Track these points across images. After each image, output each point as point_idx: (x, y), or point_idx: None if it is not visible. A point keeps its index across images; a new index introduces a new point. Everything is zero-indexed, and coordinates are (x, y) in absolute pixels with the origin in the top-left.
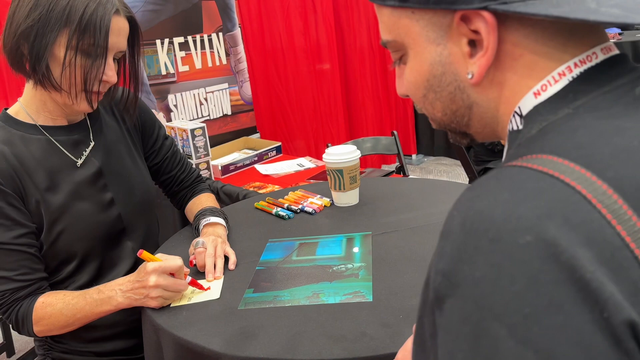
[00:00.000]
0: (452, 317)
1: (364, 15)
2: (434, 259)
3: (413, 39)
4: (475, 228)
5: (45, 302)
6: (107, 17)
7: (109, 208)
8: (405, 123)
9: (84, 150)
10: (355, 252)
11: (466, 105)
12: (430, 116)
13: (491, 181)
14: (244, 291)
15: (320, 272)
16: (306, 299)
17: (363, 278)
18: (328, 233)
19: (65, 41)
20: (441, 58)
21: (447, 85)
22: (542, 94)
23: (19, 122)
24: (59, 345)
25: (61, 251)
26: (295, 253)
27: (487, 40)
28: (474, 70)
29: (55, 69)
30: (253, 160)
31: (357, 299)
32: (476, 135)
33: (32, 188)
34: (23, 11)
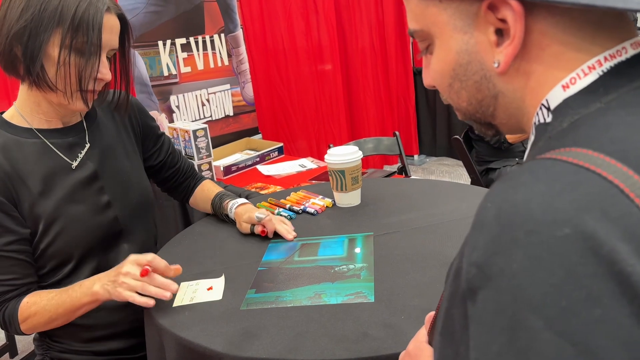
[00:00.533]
0: (486, 308)
1: (365, 16)
2: (465, 251)
3: (440, 28)
4: (512, 220)
5: (29, 301)
6: (99, 15)
7: (105, 210)
8: (407, 123)
9: (79, 153)
10: (357, 253)
11: (492, 95)
12: (455, 106)
13: (525, 173)
14: (246, 291)
15: (322, 272)
16: (308, 300)
17: (365, 279)
18: (330, 234)
19: (58, 40)
20: (467, 47)
21: (473, 74)
22: (571, 87)
23: (13, 126)
24: (57, 344)
25: (58, 254)
26: (297, 254)
27: (514, 28)
28: (501, 59)
29: (49, 68)
30: (255, 161)
31: (359, 299)
32: (501, 126)
33: (25, 193)
34: (14, 13)
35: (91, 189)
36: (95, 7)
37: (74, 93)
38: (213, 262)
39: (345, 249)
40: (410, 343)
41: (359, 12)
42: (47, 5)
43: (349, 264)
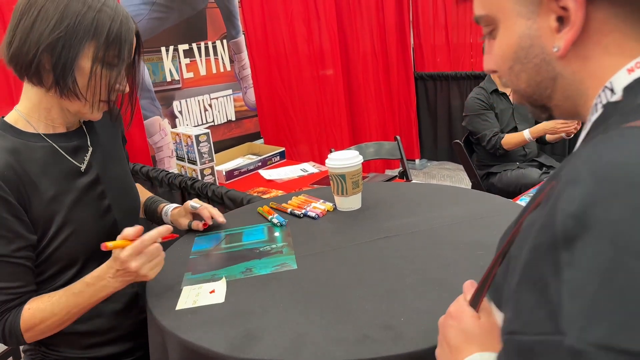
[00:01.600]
0: (584, 254)
1: (366, 21)
2: (559, 205)
3: (505, 13)
4: (609, 174)
5: (32, 308)
6: (130, 33)
7: (106, 214)
8: (409, 128)
9: (85, 156)
10: (276, 236)
11: (550, 77)
12: (514, 88)
13: (614, 138)
14: (183, 275)
15: (249, 253)
16: (241, 274)
17: (287, 253)
18: (332, 238)
19: (92, 53)
20: (530, 31)
21: (533, 57)
22: (636, 70)
23: (19, 131)
24: (53, 353)
25: (64, 257)
26: (224, 242)
27: (574, 16)
28: (560, 45)
29: (81, 79)
30: (257, 166)
31: (285, 268)
32: (556, 108)
33: (37, 197)
34: (46, 24)
35: (94, 193)
36: (127, 25)
37: (100, 103)
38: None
39: (266, 234)
40: (451, 306)
41: (360, 17)
42: (82, 19)
43: (272, 244)
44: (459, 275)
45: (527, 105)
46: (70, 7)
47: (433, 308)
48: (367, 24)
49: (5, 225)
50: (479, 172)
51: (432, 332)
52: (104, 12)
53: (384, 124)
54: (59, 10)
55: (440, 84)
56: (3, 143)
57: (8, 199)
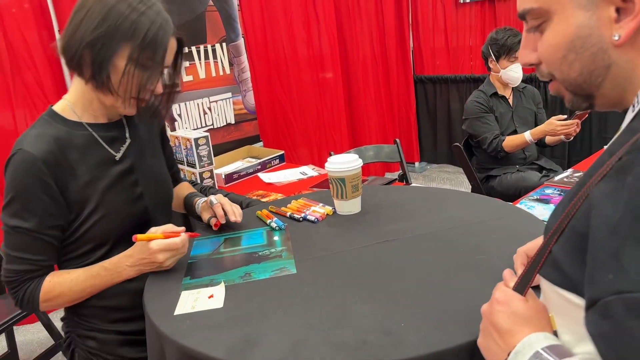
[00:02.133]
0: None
1: (366, 24)
2: (631, 182)
3: (562, 5)
4: None
5: (53, 281)
6: (166, 37)
7: (138, 201)
8: (409, 131)
9: (122, 146)
10: (275, 240)
11: (605, 65)
12: (562, 77)
13: None
14: (181, 280)
15: (248, 257)
16: (240, 279)
17: (286, 257)
18: (331, 242)
19: (127, 53)
20: (590, 22)
21: (591, 46)
22: None
23: (64, 119)
24: (84, 323)
25: (95, 238)
26: (222, 246)
27: (638, 5)
28: (622, 33)
29: (114, 76)
30: (256, 169)
31: (284, 272)
32: (600, 98)
33: (73, 181)
34: (91, 23)
35: (128, 181)
36: (164, 31)
37: (131, 100)
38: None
39: (265, 238)
40: (496, 292)
41: (360, 20)
42: (123, 21)
43: (271, 248)
44: (460, 280)
45: (568, 94)
46: (115, 9)
47: (433, 313)
48: (367, 28)
49: (41, 204)
50: (478, 175)
51: (432, 337)
52: (146, 15)
53: (384, 126)
54: (104, 11)
55: (440, 86)
56: (48, 130)
57: (47, 181)
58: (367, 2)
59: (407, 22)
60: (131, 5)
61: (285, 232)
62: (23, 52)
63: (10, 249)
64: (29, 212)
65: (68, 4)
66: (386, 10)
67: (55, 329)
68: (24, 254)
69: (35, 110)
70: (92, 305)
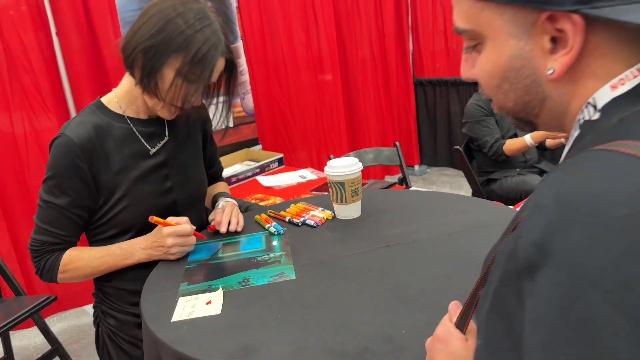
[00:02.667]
0: (545, 284)
1: (365, 26)
2: (522, 233)
3: (494, 31)
4: (571, 202)
5: (72, 255)
6: (216, 57)
7: (167, 194)
8: (408, 134)
9: (158, 142)
10: (274, 245)
11: (539, 99)
12: (499, 104)
13: (581, 162)
14: (178, 286)
15: (247, 262)
16: (238, 284)
17: (285, 262)
18: (330, 246)
19: (177, 66)
20: (522, 52)
21: (524, 79)
22: (619, 87)
23: (109, 111)
24: (108, 302)
25: (122, 223)
26: (220, 251)
27: (572, 40)
28: (556, 67)
29: (161, 84)
30: (255, 172)
31: (283, 278)
32: (541, 125)
33: (106, 168)
34: (149, 30)
35: (159, 174)
36: (215, 50)
37: (171, 107)
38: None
39: (264, 242)
40: (438, 328)
41: (359, 23)
42: (178, 34)
43: (269, 253)
44: (461, 286)
45: (510, 117)
46: (173, 22)
47: (434, 320)
48: (366, 30)
49: (73, 185)
50: (479, 179)
51: None
52: (201, 32)
53: (383, 129)
54: (162, 22)
55: (440, 89)
56: (91, 118)
57: (81, 165)
58: (367, 5)
59: (406, 24)
60: (188, 22)
61: (284, 237)
62: (20, 54)
63: (40, 221)
64: (61, 190)
65: (65, 7)
66: (385, 12)
67: (52, 334)
68: (51, 227)
69: (33, 113)
70: (114, 287)
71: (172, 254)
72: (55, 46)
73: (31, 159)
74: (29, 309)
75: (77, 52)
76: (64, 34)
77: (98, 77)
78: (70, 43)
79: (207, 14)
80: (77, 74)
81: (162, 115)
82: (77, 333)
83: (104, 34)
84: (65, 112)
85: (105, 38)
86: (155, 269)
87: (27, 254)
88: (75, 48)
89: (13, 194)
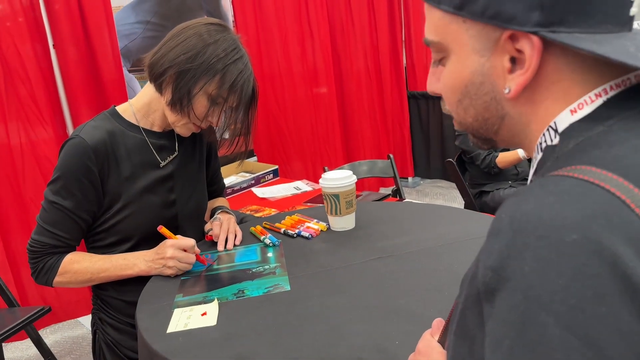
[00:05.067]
0: (501, 307)
1: (360, 40)
2: (481, 257)
3: (459, 45)
4: (524, 227)
5: (73, 259)
6: (249, 89)
7: (170, 207)
8: (402, 146)
9: (169, 156)
10: (269, 256)
11: (498, 116)
12: (459, 120)
13: (536, 188)
14: (174, 297)
15: (242, 274)
16: (233, 296)
17: (280, 274)
18: (325, 258)
19: (211, 90)
20: (483, 69)
21: (483, 95)
22: (578, 111)
23: (123, 119)
24: (106, 310)
25: (122, 231)
26: (216, 263)
27: (529, 61)
28: (512, 86)
29: (194, 105)
30: (250, 184)
31: (278, 290)
32: (501, 142)
33: (115, 174)
34: (186, 51)
35: (165, 186)
36: (248, 82)
37: (192, 125)
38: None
39: (259, 254)
40: (420, 342)
41: (354, 37)
42: (217, 61)
43: (264, 265)
44: (453, 298)
45: (469, 135)
46: (211, 48)
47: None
48: (361, 44)
49: (80, 187)
50: (471, 191)
51: None
52: (240, 62)
53: (378, 142)
54: (199, 46)
55: (433, 102)
56: (105, 124)
57: (91, 167)
58: (361, 19)
59: (400, 38)
60: (226, 50)
61: (279, 249)
62: (17, 65)
63: (43, 221)
64: (69, 192)
65: (63, 19)
66: (380, 27)
67: (45, 346)
68: (54, 228)
69: (29, 124)
70: (113, 297)
71: (169, 267)
72: (52, 57)
73: (26, 170)
74: (22, 321)
75: (74, 63)
76: (61, 45)
77: (95, 88)
78: (67, 54)
79: (239, 46)
80: (73, 85)
81: (180, 132)
82: (71, 345)
83: (101, 46)
84: (61, 123)
85: (102, 50)
86: (151, 281)
87: (20, 264)
88: (72, 59)
89: (8, 204)
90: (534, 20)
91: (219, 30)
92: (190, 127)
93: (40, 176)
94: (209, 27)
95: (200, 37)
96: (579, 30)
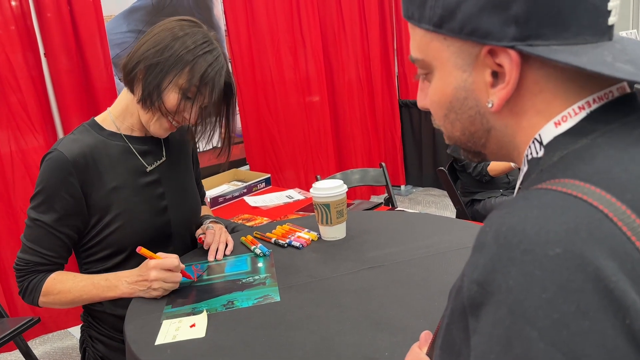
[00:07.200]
0: (486, 322)
1: (352, 50)
2: (466, 271)
3: (441, 62)
4: (508, 241)
5: (56, 279)
6: (221, 81)
7: (162, 214)
8: (394, 154)
9: (156, 161)
10: (260, 267)
11: (485, 129)
12: (448, 134)
13: (520, 201)
14: (162, 308)
15: (232, 284)
16: (222, 307)
17: (270, 285)
18: (316, 267)
19: (180, 83)
20: (465, 84)
21: (468, 109)
22: (562, 124)
23: (103, 129)
24: (96, 326)
25: (115, 244)
26: (206, 273)
27: (509, 75)
28: (494, 100)
29: (164, 100)
30: (242, 192)
31: (268, 300)
32: (490, 155)
33: (99, 186)
34: (155, 46)
35: (154, 193)
36: (220, 74)
37: (166, 123)
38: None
39: (249, 264)
40: (407, 356)
41: (346, 46)
42: (186, 53)
43: (254, 275)
44: (443, 308)
45: (460, 148)
46: (180, 40)
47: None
48: (352, 53)
49: (62, 202)
50: (463, 199)
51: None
52: (209, 54)
53: (370, 150)
54: (168, 39)
55: (425, 111)
56: (85, 137)
57: (72, 181)
58: (353, 28)
59: (392, 48)
60: (196, 42)
61: (269, 259)
62: (8, 74)
63: (26, 239)
64: (49, 207)
65: (54, 28)
66: (371, 36)
67: (34, 357)
68: (37, 246)
69: (19, 133)
70: (105, 312)
71: (155, 289)
72: (44, 66)
73: (17, 179)
74: (10, 332)
75: (66, 72)
76: (53, 54)
77: (86, 97)
78: (59, 63)
79: (211, 39)
80: (64, 94)
81: (155, 133)
82: (61, 356)
83: (93, 55)
84: (52, 132)
85: (94, 59)
86: None
87: (9, 275)
88: (64, 69)
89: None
90: (510, 34)
91: (191, 25)
92: (163, 124)
93: (31, 185)
94: (181, 23)
95: (170, 31)
96: (556, 42)
